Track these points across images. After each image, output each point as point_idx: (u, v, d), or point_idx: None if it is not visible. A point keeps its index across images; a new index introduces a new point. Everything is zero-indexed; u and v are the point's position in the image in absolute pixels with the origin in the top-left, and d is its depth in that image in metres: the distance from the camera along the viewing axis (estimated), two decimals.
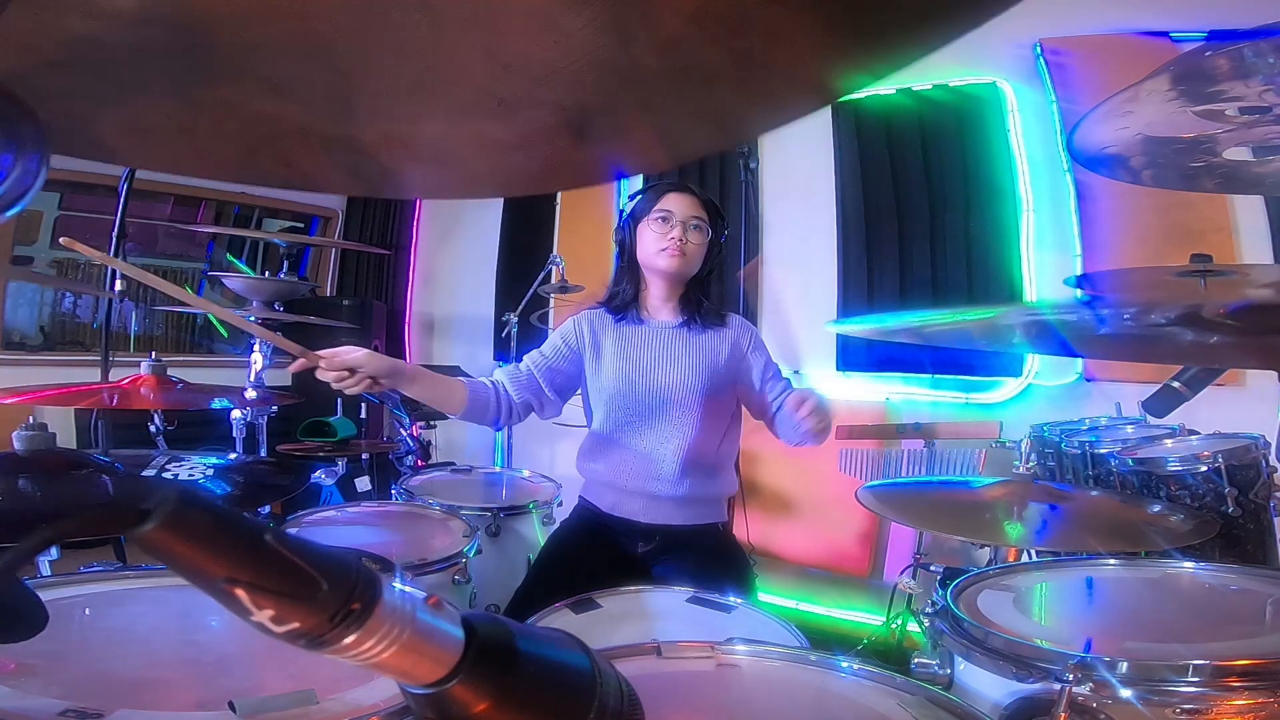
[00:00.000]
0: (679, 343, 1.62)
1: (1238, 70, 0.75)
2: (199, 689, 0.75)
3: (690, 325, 1.63)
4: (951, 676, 0.94)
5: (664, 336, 1.63)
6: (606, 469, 1.64)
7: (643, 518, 1.61)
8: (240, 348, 4.31)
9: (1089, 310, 0.74)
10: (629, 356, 1.62)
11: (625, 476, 1.61)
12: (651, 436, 1.60)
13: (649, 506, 1.61)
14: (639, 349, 1.62)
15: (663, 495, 1.59)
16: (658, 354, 1.61)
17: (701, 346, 1.62)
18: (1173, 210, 2.49)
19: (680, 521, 1.61)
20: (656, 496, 1.60)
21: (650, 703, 0.39)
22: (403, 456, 2.78)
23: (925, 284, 3.00)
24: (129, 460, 1.15)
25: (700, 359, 1.61)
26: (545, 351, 1.67)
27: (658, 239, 1.57)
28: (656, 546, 1.60)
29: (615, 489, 1.64)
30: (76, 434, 3.13)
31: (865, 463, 2.57)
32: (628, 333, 1.64)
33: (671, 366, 1.60)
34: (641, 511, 1.61)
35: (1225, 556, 1.45)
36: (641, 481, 1.60)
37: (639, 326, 1.64)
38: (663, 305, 1.66)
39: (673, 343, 1.62)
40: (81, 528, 0.26)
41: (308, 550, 0.30)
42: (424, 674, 0.32)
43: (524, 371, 1.65)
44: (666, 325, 1.64)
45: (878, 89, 3.14)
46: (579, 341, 1.66)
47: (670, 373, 1.60)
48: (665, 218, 1.57)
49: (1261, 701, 0.76)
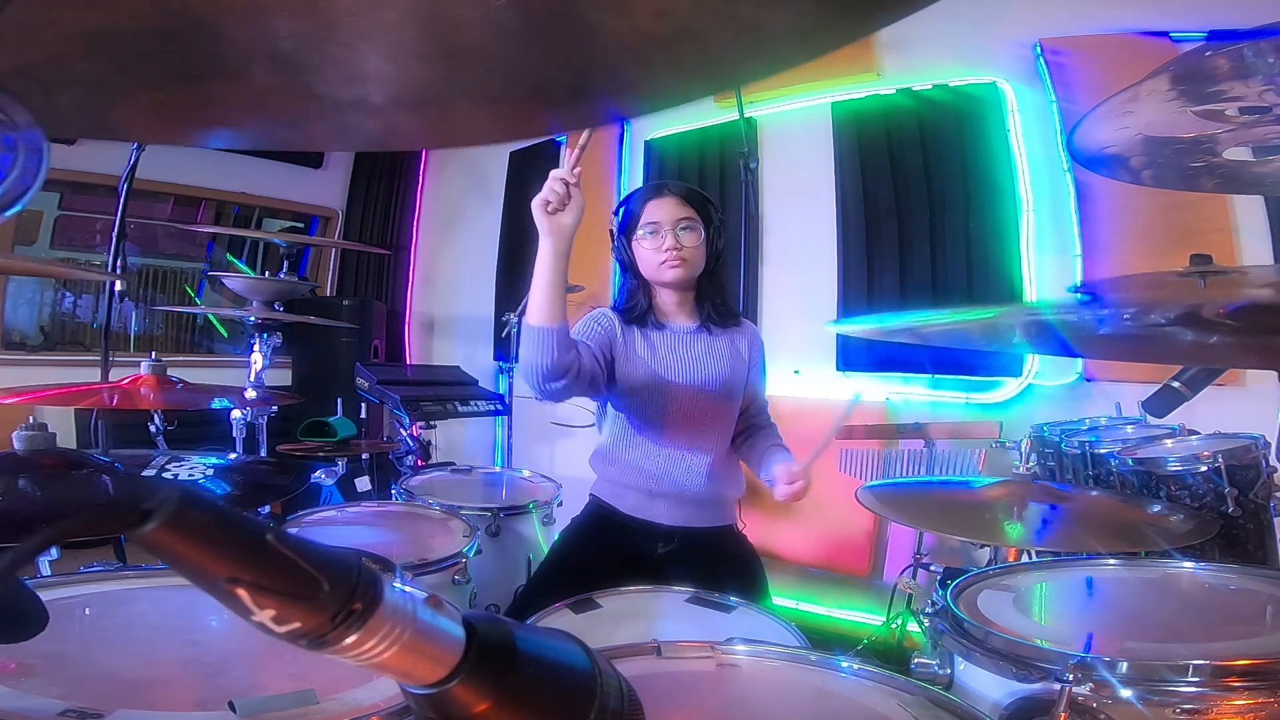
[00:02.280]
0: (700, 345, 1.62)
1: (1238, 70, 0.75)
2: (199, 689, 0.75)
3: (708, 328, 1.64)
4: (951, 676, 0.94)
5: (686, 340, 1.62)
6: (629, 471, 1.63)
7: (665, 519, 1.61)
8: (240, 348, 4.31)
9: (1089, 310, 0.74)
10: (656, 359, 1.60)
11: (650, 478, 1.61)
12: (680, 438, 1.60)
13: (673, 508, 1.61)
14: (664, 352, 1.61)
15: (688, 497, 1.60)
16: (682, 357, 1.61)
17: (722, 348, 1.63)
18: (1173, 210, 2.49)
19: (701, 523, 1.62)
20: (682, 498, 1.61)
21: (650, 703, 0.39)
22: (403, 456, 2.78)
23: (925, 284, 3.00)
24: (129, 460, 1.15)
25: (723, 361, 1.61)
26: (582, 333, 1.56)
27: (654, 252, 1.55)
28: (675, 548, 1.61)
29: (638, 491, 1.63)
30: (76, 434, 3.13)
31: (865, 463, 2.57)
32: (652, 336, 1.62)
33: (698, 369, 1.60)
34: (665, 513, 1.61)
35: (1225, 556, 1.45)
36: (667, 483, 1.60)
37: (660, 331, 1.63)
38: (678, 310, 1.65)
39: (694, 345, 1.62)
40: (83, 528, 0.26)
41: (309, 550, 0.30)
42: (425, 674, 0.32)
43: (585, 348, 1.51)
44: (686, 329, 1.64)
45: (878, 89, 3.14)
46: (613, 331, 1.59)
47: (696, 375, 1.60)
48: (654, 230, 1.55)
49: (1261, 701, 0.76)
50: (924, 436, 2.39)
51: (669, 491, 1.60)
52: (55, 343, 4.14)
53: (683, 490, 1.60)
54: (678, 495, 1.60)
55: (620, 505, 1.65)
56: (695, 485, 1.60)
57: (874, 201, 3.15)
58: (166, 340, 4.48)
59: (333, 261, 5.08)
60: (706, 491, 1.61)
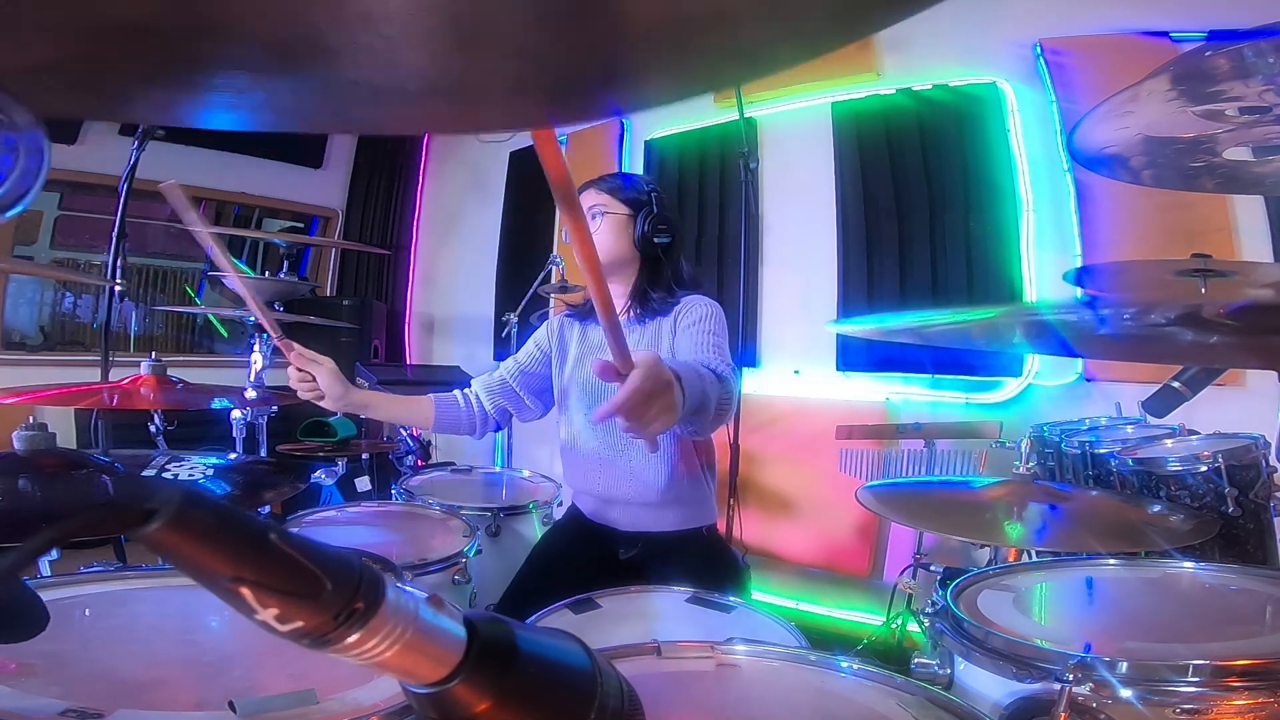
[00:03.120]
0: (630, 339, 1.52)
1: (1238, 70, 0.75)
2: (199, 689, 0.75)
3: (639, 318, 1.54)
4: (951, 676, 0.94)
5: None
6: (578, 475, 1.61)
7: (622, 525, 1.57)
8: (240, 348, 4.31)
9: (1089, 310, 0.74)
10: (584, 357, 1.59)
11: (596, 483, 1.56)
12: (612, 440, 1.54)
13: (626, 513, 1.57)
14: (593, 349, 1.58)
15: (636, 502, 1.54)
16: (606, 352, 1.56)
17: (646, 338, 1.52)
18: (1173, 210, 2.49)
19: (663, 528, 1.55)
20: (630, 503, 1.55)
21: (650, 703, 0.39)
22: (403, 456, 2.78)
23: (925, 284, 3.00)
24: (129, 460, 1.15)
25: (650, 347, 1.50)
26: (519, 357, 1.69)
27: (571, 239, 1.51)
28: (640, 552, 1.55)
29: (591, 495, 1.61)
30: (76, 434, 3.13)
31: (865, 463, 2.57)
32: (589, 333, 1.61)
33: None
34: (620, 518, 1.57)
35: (1225, 556, 1.45)
36: (612, 488, 1.55)
37: (596, 326, 1.58)
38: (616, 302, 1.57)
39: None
40: (86, 527, 0.26)
41: (312, 549, 0.30)
42: (426, 673, 0.32)
43: (498, 379, 1.67)
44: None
45: (878, 89, 3.14)
46: (549, 344, 1.66)
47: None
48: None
49: (1261, 701, 0.76)
50: (924, 436, 2.39)
51: (619, 497, 1.55)
52: (55, 343, 4.14)
53: (628, 495, 1.53)
54: (625, 500, 1.54)
55: (584, 509, 1.64)
56: (643, 490, 1.52)
57: (874, 201, 3.15)
58: (166, 340, 4.48)
59: (333, 261, 5.08)
60: (660, 496, 1.51)
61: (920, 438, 2.39)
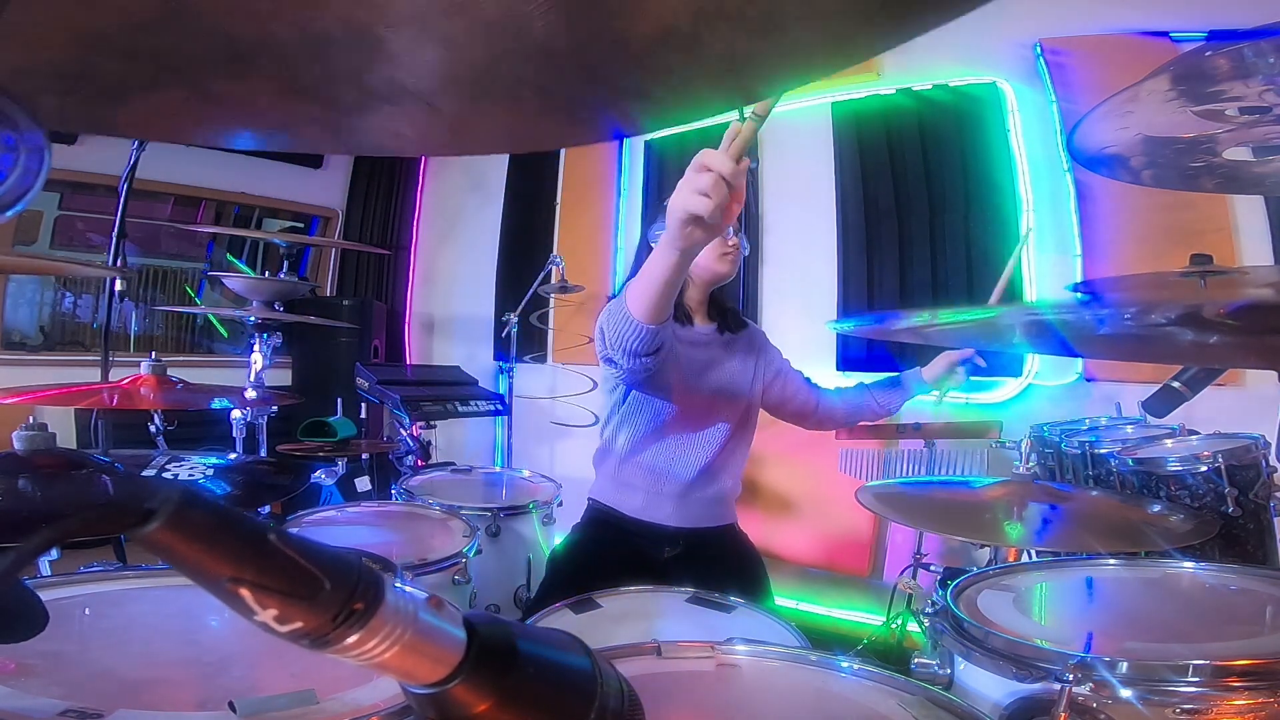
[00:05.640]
0: (719, 347, 1.64)
1: (1238, 70, 0.75)
2: (199, 689, 0.75)
3: (725, 330, 1.67)
4: (951, 676, 0.94)
5: (707, 341, 1.64)
6: (638, 470, 1.63)
7: (672, 521, 1.62)
8: (240, 348, 4.31)
9: (1089, 310, 0.74)
10: (685, 357, 1.58)
11: (661, 477, 1.62)
12: (695, 436, 1.61)
13: (680, 508, 1.62)
14: (690, 351, 1.60)
15: (695, 497, 1.62)
16: (706, 357, 1.62)
17: (740, 350, 1.67)
18: (1173, 210, 2.49)
19: (705, 523, 1.65)
20: (689, 498, 1.62)
21: (650, 703, 0.39)
22: (403, 456, 2.78)
23: (925, 284, 3.00)
24: (129, 460, 1.15)
25: (743, 361, 1.65)
26: None
27: (719, 243, 1.50)
28: (680, 551, 1.62)
29: (646, 491, 1.63)
30: (76, 434, 3.13)
31: (865, 463, 2.57)
32: (679, 333, 1.58)
33: (721, 370, 1.62)
34: (672, 514, 1.62)
35: (1225, 556, 1.45)
36: (676, 482, 1.61)
37: (687, 329, 1.62)
38: (698, 309, 1.65)
39: (713, 347, 1.64)
40: (85, 527, 0.26)
41: (311, 550, 0.30)
42: (425, 674, 0.32)
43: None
44: (706, 329, 1.65)
45: (878, 89, 3.14)
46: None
47: (721, 375, 1.62)
48: None
49: (1261, 701, 0.76)
50: (924, 436, 2.39)
51: (678, 491, 1.61)
52: (55, 343, 4.14)
53: (691, 489, 1.61)
54: (685, 495, 1.62)
55: (624, 508, 1.65)
56: (704, 484, 1.62)
57: (874, 201, 3.15)
58: (166, 340, 4.48)
59: (333, 261, 5.07)
60: (714, 491, 1.63)
61: (920, 438, 2.39)
